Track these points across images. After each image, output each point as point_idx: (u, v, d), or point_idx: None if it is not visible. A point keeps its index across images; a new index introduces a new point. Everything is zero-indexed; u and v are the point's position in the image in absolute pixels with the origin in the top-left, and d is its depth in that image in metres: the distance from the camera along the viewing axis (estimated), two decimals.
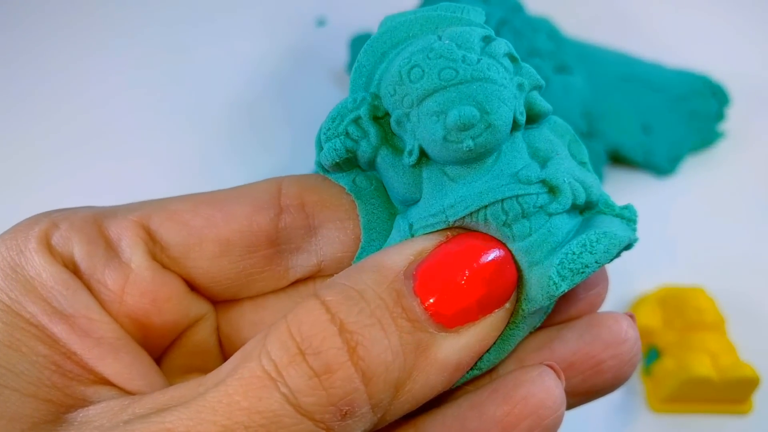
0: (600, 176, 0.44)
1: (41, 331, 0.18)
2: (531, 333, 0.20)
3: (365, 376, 0.15)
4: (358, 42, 0.48)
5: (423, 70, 0.17)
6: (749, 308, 0.40)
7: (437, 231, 0.18)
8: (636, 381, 0.38)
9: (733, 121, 0.48)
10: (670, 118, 0.47)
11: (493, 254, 0.17)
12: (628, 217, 0.19)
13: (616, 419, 0.37)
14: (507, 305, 0.18)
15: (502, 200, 0.17)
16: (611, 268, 0.43)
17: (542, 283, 0.17)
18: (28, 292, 0.18)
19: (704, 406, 0.37)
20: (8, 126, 0.48)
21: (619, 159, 0.45)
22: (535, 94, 0.19)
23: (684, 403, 0.37)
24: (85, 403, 0.17)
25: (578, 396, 0.19)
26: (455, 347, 0.17)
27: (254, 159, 0.47)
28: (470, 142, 0.17)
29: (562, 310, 0.20)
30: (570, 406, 0.20)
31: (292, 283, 0.22)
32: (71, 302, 0.18)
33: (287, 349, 0.15)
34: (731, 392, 0.36)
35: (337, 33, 0.52)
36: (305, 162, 0.46)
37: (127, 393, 0.18)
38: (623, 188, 0.45)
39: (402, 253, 0.17)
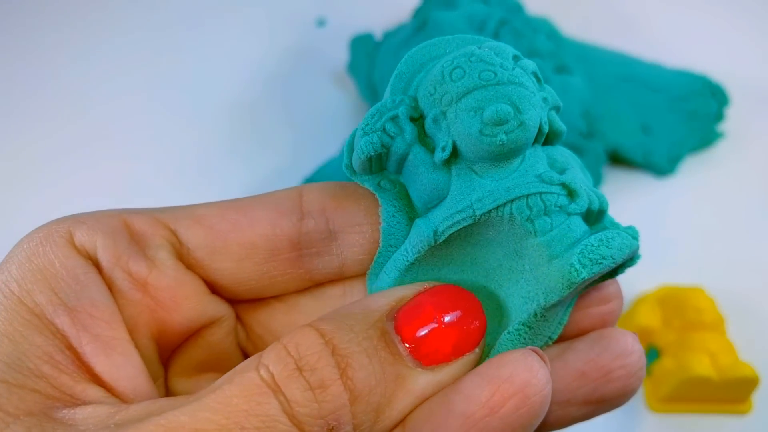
0: (600, 176, 0.44)
1: (41, 322, 0.18)
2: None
3: (352, 395, 0.17)
4: (358, 42, 0.48)
5: (464, 71, 0.19)
6: (749, 308, 0.40)
7: (417, 282, 0.20)
8: None
9: (732, 121, 0.48)
10: (669, 118, 0.47)
11: (464, 305, 0.19)
12: (631, 235, 0.20)
13: (615, 419, 0.37)
14: (476, 350, 0.19)
15: (527, 196, 0.19)
16: None
17: (563, 271, 0.19)
18: (37, 281, 0.19)
19: (703, 406, 0.37)
20: (9, 128, 0.48)
21: (618, 159, 0.46)
22: (554, 113, 0.20)
23: (683, 402, 0.37)
24: (72, 400, 0.18)
25: (590, 405, 0.21)
26: (431, 383, 0.18)
27: (255, 159, 0.47)
28: (504, 137, 0.18)
29: (576, 326, 0.21)
30: (582, 417, 0.21)
31: (317, 285, 0.23)
32: (78, 295, 0.19)
33: (286, 364, 0.17)
34: (730, 392, 0.36)
35: (337, 33, 0.52)
36: (305, 162, 0.46)
37: (114, 393, 0.18)
38: (623, 188, 0.45)
39: (386, 298, 0.19)
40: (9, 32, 0.53)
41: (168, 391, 0.22)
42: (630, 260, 0.20)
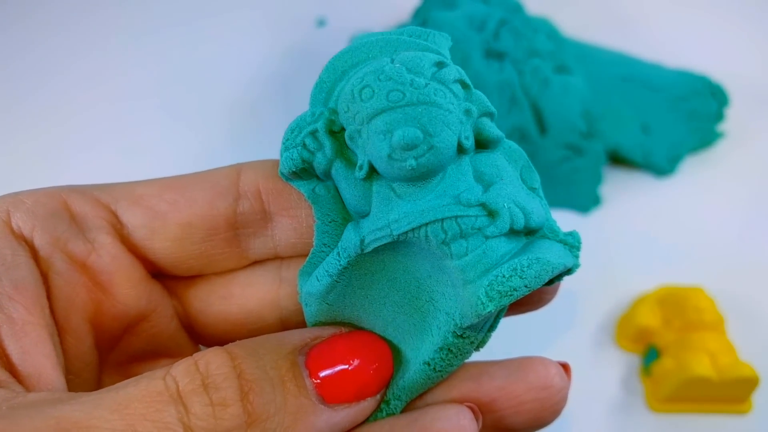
0: (600, 176, 0.44)
1: None
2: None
3: (250, 418, 0.17)
4: None
5: (373, 91, 0.18)
6: (748, 308, 0.40)
7: (335, 324, 0.21)
8: (635, 381, 0.38)
9: (732, 121, 0.48)
10: (669, 118, 0.47)
11: (375, 353, 0.20)
12: (571, 243, 0.20)
13: (616, 419, 0.37)
14: (377, 396, 0.20)
15: (442, 220, 0.18)
16: (611, 268, 0.44)
17: (471, 302, 0.18)
18: None
19: (703, 406, 0.37)
20: (12, 124, 0.48)
21: (618, 159, 0.46)
22: (486, 120, 0.20)
23: (683, 402, 0.37)
24: None
25: (498, 431, 0.21)
26: (330, 421, 0.19)
27: (254, 158, 0.47)
28: (413, 162, 0.18)
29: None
30: None
31: (254, 262, 0.23)
32: (1, 276, 0.19)
33: (193, 378, 0.17)
34: (730, 392, 0.36)
35: (337, 33, 0.52)
36: None
37: (18, 378, 0.19)
38: (622, 188, 0.45)
39: (301, 335, 0.20)
40: (13, 30, 0.53)
41: (101, 378, 0.22)
42: (566, 271, 0.19)
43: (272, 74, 0.51)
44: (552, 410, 0.20)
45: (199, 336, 0.24)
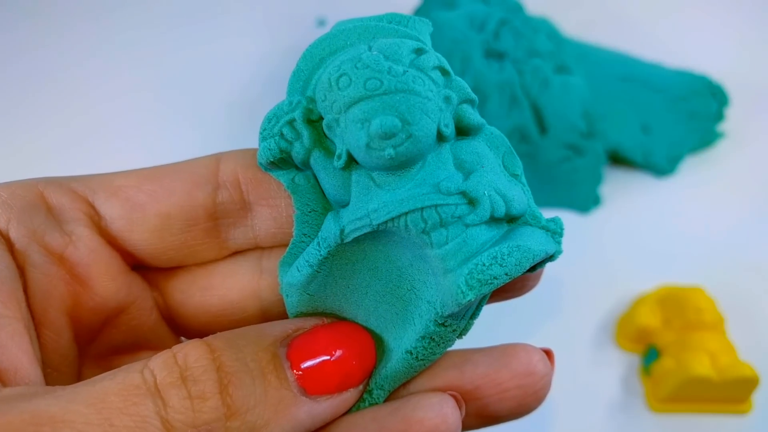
0: (600, 176, 0.44)
1: None
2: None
3: (229, 410, 0.17)
4: None
5: (350, 79, 0.18)
6: (749, 308, 0.40)
7: (316, 315, 0.21)
8: (635, 381, 0.38)
9: (732, 121, 0.48)
10: (669, 118, 0.47)
11: (358, 343, 0.20)
12: (553, 229, 0.19)
13: (616, 419, 0.37)
14: (359, 387, 0.20)
15: (422, 209, 0.18)
16: (611, 268, 0.43)
17: (452, 291, 0.18)
18: None
19: (704, 406, 0.37)
20: (9, 125, 0.48)
21: (618, 159, 0.46)
22: (466, 107, 0.19)
23: (683, 402, 0.37)
24: None
25: (482, 418, 0.21)
26: (312, 413, 0.19)
27: None
28: (391, 151, 0.18)
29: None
30: (473, 426, 0.21)
31: (234, 252, 0.23)
32: None
33: (171, 371, 0.17)
34: (731, 392, 0.36)
35: None
36: None
37: None
38: (623, 188, 0.45)
39: (282, 327, 0.20)
40: (12, 30, 0.53)
41: (81, 371, 0.22)
42: (548, 258, 0.19)
43: (272, 74, 0.51)
44: (535, 397, 0.20)
45: (180, 328, 0.24)
